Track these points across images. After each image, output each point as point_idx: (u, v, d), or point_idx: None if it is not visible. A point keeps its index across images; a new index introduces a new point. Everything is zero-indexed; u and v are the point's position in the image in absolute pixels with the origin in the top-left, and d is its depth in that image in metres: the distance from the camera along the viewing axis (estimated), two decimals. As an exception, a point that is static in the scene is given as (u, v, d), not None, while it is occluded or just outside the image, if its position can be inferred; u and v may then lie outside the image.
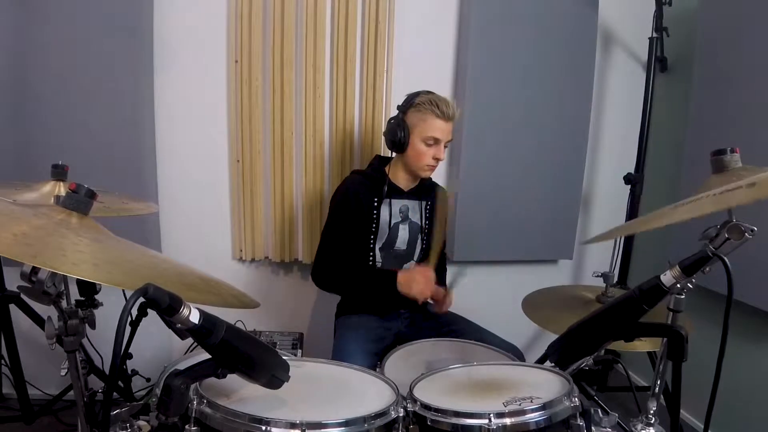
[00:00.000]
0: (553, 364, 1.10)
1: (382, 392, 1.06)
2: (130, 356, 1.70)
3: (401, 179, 1.80)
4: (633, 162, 2.30)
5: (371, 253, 1.80)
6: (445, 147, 1.72)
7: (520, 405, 0.97)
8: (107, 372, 1.87)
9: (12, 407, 1.99)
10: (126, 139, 2.03)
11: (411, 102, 1.69)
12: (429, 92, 1.70)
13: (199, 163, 2.19)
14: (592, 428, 0.98)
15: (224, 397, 0.96)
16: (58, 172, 1.43)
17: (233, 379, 0.89)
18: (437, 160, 1.70)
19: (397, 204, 1.80)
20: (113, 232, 0.91)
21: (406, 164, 1.76)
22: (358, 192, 1.75)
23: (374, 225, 1.77)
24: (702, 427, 1.86)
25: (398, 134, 1.69)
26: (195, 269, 0.99)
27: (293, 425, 0.87)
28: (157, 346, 2.14)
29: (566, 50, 2.28)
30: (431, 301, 1.78)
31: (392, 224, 1.80)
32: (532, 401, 0.97)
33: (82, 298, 1.08)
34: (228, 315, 0.88)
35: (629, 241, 2.34)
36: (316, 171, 2.21)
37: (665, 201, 1.09)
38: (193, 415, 0.90)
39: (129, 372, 1.81)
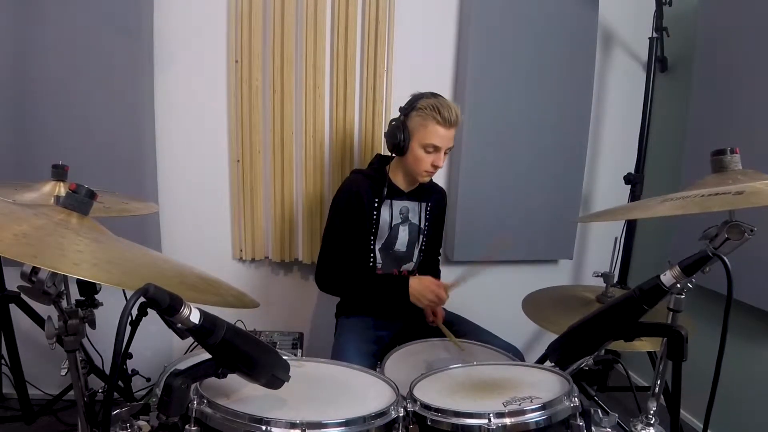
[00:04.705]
0: (553, 364, 1.10)
1: (382, 392, 1.06)
2: (130, 356, 1.70)
3: (401, 181, 1.79)
4: (633, 162, 2.30)
5: (371, 254, 1.79)
6: (446, 154, 1.67)
7: (519, 405, 0.97)
8: (107, 372, 1.87)
9: (12, 407, 1.99)
10: (126, 140, 2.03)
11: (413, 105, 1.64)
12: (434, 95, 1.64)
13: (199, 163, 2.19)
14: (592, 428, 0.98)
15: (224, 397, 0.95)
16: (58, 172, 1.43)
17: (233, 379, 0.89)
18: (436, 167, 1.66)
19: (398, 205, 1.80)
20: (113, 232, 0.91)
21: (405, 168, 1.74)
22: (360, 192, 1.73)
23: (374, 226, 1.77)
24: (702, 427, 1.86)
25: (398, 137, 1.65)
26: (195, 269, 0.99)
27: (293, 425, 0.87)
28: (157, 346, 2.14)
29: (566, 50, 2.28)
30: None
31: (392, 225, 1.80)
32: (531, 401, 0.97)
33: (82, 298, 1.08)
34: (228, 315, 0.88)
35: (629, 241, 2.33)
36: (316, 171, 2.21)
37: (665, 201, 1.09)
38: (193, 415, 0.90)
39: (129, 372, 1.81)
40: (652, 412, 1.03)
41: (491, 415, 0.93)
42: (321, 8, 2.09)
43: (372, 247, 1.79)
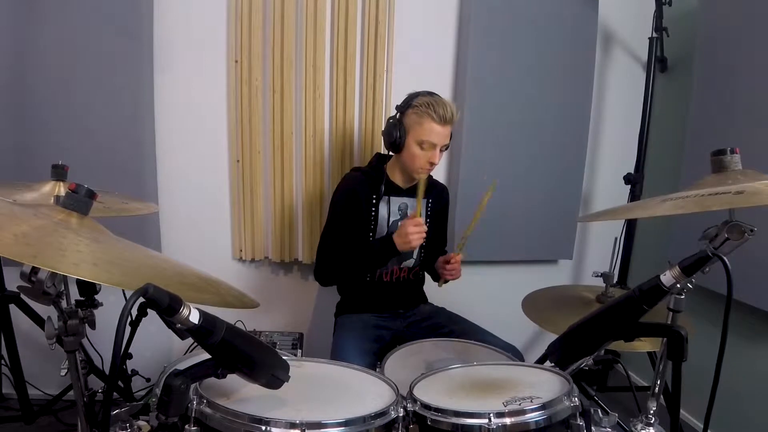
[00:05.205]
0: (553, 364, 1.10)
1: (382, 392, 1.06)
2: (130, 356, 1.70)
3: (398, 178, 1.80)
4: (633, 162, 2.30)
5: (371, 251, 1.79)
6: (443, 150, 1.69)
7: (520, 405, 0.97)
8: (107, 372, 1.86)
9: (12, 407, 1.99)
10: (126, 140, 2.03)
11: (409, 103, 1.66)
12: (429, 93, 1.66)
13: (199, 163, 2.19)
14: (592, 428, 0.98)
15: (224, 397, 0.96)
16: (58, 172, 1.42)
17: (233, 379, 0.89)
18: (432, 164, 1.67)
19: (396, 202, 1.80)
20: (113, 232, 0.91)
21: (402, 165, 1.75)
22: (357, 189, 1.75)
23: (372, 222, 1.77)
24: (702, 427, 1.86)
25: (394, 135, 1.67)
26: (195, 269, 0.99)
27: (293, 425, 0.87)
28: (157, 346, 2.14)
29: (566, 50, 2.28)
30: (443, 272, 1.77)
31: (391, 222, 1.80)
32: (532, 401, 0.97)
33: (82, 298, 1.08)
34: (228, 315, 0.88)
35: (629, 241, 2.33)
36: (316, 171, 2.21)
37: (665, 201, 1.09)
38: (193, 415, 0.90)
39: (129, 372, 1.81)
40: (652, 412, 1.03)
41: (491, 414, 0.93)
42: (321, 8, 2.09)
43: (371, 244, 1.79)
